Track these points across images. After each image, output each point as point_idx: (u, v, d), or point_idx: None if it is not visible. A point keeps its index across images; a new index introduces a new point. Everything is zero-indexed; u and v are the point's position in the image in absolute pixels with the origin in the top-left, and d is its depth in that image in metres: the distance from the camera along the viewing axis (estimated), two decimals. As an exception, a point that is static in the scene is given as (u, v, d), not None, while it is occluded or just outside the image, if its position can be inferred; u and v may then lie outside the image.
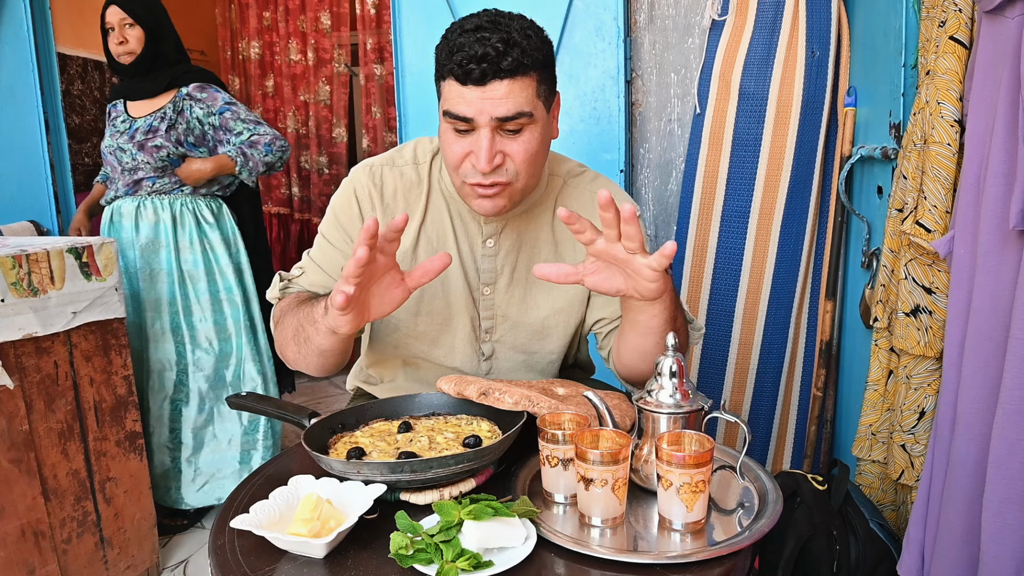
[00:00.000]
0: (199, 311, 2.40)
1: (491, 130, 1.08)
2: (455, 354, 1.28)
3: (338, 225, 1.25)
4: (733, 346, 2.15)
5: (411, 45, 2.43)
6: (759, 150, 2.07)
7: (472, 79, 1.05)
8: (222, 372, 2.45)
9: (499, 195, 1.14)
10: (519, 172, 1.12)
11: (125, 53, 2.34)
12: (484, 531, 0.80)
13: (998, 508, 1.08)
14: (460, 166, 1.13)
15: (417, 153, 1.28)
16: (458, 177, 1.15)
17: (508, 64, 1.05)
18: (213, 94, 2.39)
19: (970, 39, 1.29)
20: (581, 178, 1.31)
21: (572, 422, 0.95)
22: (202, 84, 2.40)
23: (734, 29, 2.09)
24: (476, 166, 1.10)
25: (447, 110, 1.10)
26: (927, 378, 1.44)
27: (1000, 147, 1.08)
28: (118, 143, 2.35)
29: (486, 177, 1.10)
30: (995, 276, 1.11)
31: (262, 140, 2.38)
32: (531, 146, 1.11)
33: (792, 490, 1.60)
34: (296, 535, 0.81)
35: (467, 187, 1.14)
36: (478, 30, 1.06)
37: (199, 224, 2.41)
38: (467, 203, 1.18)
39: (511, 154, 1.11)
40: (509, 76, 1.05)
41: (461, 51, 1.05)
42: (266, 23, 4.10)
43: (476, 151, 1.09)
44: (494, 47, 1.04)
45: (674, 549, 0.83)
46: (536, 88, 1.10)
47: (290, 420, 1.07)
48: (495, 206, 1.15)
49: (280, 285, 1.24)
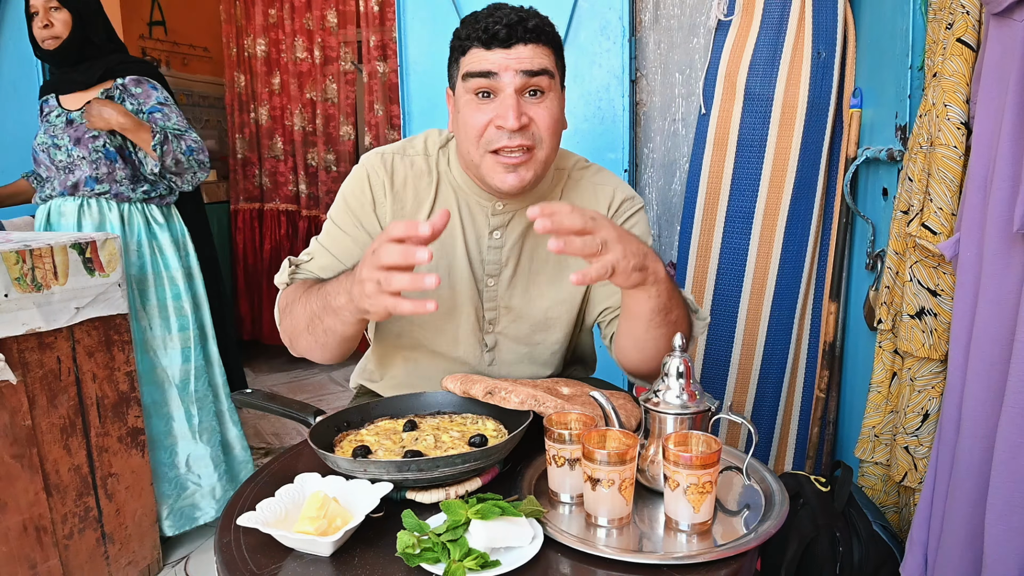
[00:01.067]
0: (145, 319, 2.25)
1: (516, 91, 1.10)
2: (458, 344, 1.28)
3: (348, 210, 1.25)
4: (736, 347, 2.15)
5: (415, 42, 2.43)
6: (764, 151, 2.07)
7: (499, 40, 1.09)
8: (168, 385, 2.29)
9: (523, 165, 1.13)
10: (543, 138, 1.14)
11: (50, 38, 2.20)
12: (491, 530, 0.80)
13: (1002, 511, 1.08)
14: (483, 134, 1.13)
15: (427, 144, 1.29)
16: (479, 148, 1.14)
17: (533, 25, 1.10)
18: (148, 90, 2.25)
19: (977, 41, 1.28)
20: (585, 171, 1.32)
21: (579, 422, 0.95)
22: (139, 78, 2.26)
23: (740, 29, 2.09)
24: (503, 126, 1.10)
25: (469, 71, 1.12)
26: (931, 380, 1.43)
27: (1007, 150, 1.08)
28: (52, 139, 2.21)
29: (512, 138, 1.11)
30: (1001, 279, 1.11)
31: (187, 140, 2.23)
32: (554, 111, 1.14)
33: (795, 491, 1.60)
34: (303, 533, 0.81)
35: (489, 159, 1.14)
36: (497, 8, 1.12)
37: (148, 226, 2.28)
38: (489, 181, 1.17)
39: (535, 118, 1.12)
40: (533, 40, 1.11)
41: (485, 19, 1.10)
42: (272, 20, 4.09)
43: (502, 112, 1.10)
44: (517, 15, 1.10)
45: (680, 550, 0.83)
46: (555, 60, 1.15)
47: (295, 418, 1.07)
48: (520, 179, 1.14)
49: (289, 270, 1.23)
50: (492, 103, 1.11)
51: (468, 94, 1.13)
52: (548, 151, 1.15)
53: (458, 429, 1.05)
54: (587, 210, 0.92)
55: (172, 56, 4.09)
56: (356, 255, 1.21)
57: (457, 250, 1.24)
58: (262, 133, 4.19)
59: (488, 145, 1.13)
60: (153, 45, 3.92)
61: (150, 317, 2.26)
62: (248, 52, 4.15)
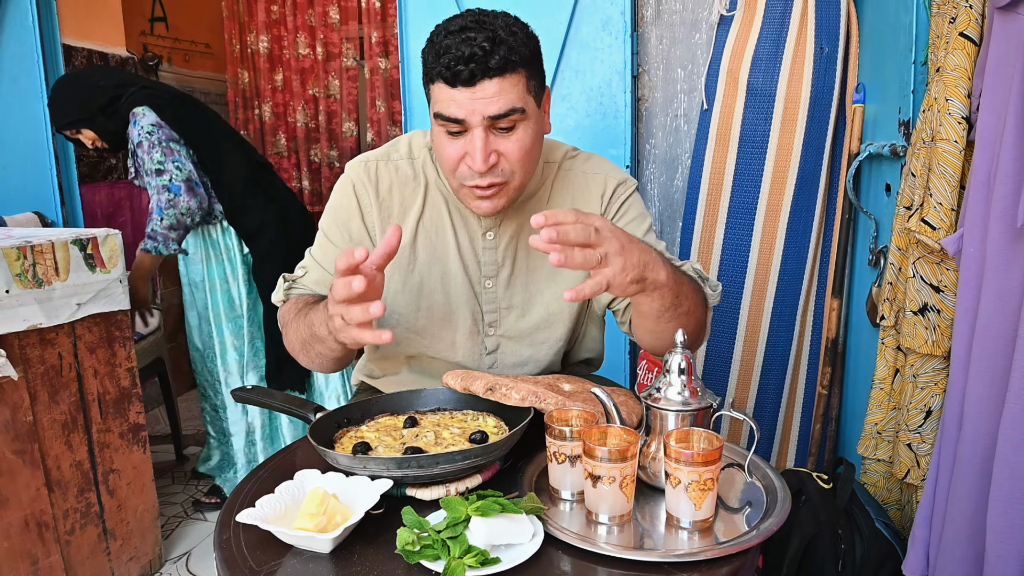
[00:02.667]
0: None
1: (484, 130, 1.08)
2: (456, 349, 1.27)
3: (337, 222, 1.25)
4: (738, 343, 2.15)
5: (417, 38, 2.42)
6: (766, 147, 2.06)
7: (461, 80, 1.05)
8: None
9: (496, 195, 1.14)
10: (514, 171, 1.13)
11: (100, 150, 2.43)
12: (491, 527, 0.79)
13: (1004, 508, 1.07)
14: (456, 169, 1.13)
15: (412, 147, 1.28)
16: (455, 180, 1.15)
17: (496, 63, 1.05)
18: (131, 129, 2.30)
19: (980, 35, 1.27)
20: (575, 161, 1.31)
21: (579, 418, 0.94)
22: (133, 111, 2.31)
23: (742, 25, 2.08)
24: (472, 167, 1.10)
25: (438, 112, 1.10)
26: (934, 377, 1.43)
27: (1011, 145, 1.07)
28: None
29: (483, 178, 1.11)
30: (1004, 275, 1.11)
31: (156, 206, 2.27)
32: (525, 143, 1.12)
33: (797, 488, 1.59)
34: (302, 530, 0.81)
35: (464, 189, 1.15)
36: (463, 31, 1.06)
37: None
38: (465, 204, 1.19)
39: (505, 153, 1.11)
40: (498, 74, 1.06)
41: (448, 53, 1.05)
42: (274, 16, 4.09)
43: (471, 152, 1.09)
44: (480, 47, 1.04)
45: (681, 547, 0.83)
46: (526, 84, 1.10)
47: (295, 414, 1.07)
48: (493, 207, 1.15)
49: (284, 287, 1.24)
50: (462, 140, 1.10)
51: (439, 126, 1.12)
52: (521, 179, 1.15)
53: (459, 425, 1.05)
54: (592, 217, 0.90)
55: (174, 52, 4.07)
56: None
57: (450, 255, 1.24)
58: (265, 130, 4.18)
59: (462, 180, 1.13)
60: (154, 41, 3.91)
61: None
62: (251, 48, 4.14)
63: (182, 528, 2.42)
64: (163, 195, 2.25)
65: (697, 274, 1.18)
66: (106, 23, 3.37)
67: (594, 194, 1.28)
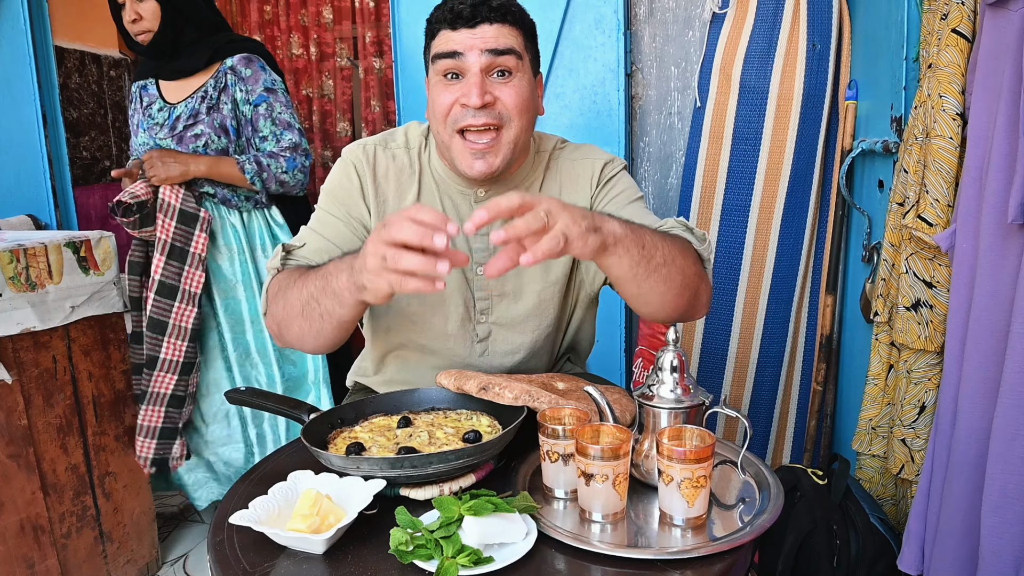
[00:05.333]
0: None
1: (481, 71, 1.11)
2: (448, 337, 1.27)
3: (336, 199, 1.24)
4: (733, 340, 2.15)
5: (410, 38, 2.42)
6: (760, 144, 2.06)
7: (463, 19, 1.10)
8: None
9: (491, 150, 1.13)
10: (511, 117, 1.13)
11: (141, 32, 2.00)
12: (484, 527, 0.79)
13: (997, 502, 1.08)
14: (449, 113, 1.13)
15: (409, 137, 1.29)
16: (447, 128, 1.14)
17: (497, 4, 1.10)
18: (257, 72, 2.03)
19: (972, 32, 1.28)
20: (564, 151, 1.31)
21: (572, 417, 0.94)
22: (248, 56, 2.03)
23: (735, 22, 2.08)
24: (467, 103, 1.10)
25: (436, 52, 1.13)
26: (928, 372, 1.43)
27: (1002, 141, 1.07)
28: (153, 139, 2.00)
29: (477, 116, 1.11)
30: (997, 270, 1.11)
31: (284, 156, 2.03)
32: (522, 91, 1.13)
33: (792, 484, 1.60)
34: (295, 531, 0.81)
35: (458, 142, 1.14)
36: None
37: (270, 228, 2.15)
38: (458, 166, 1.16)
39: (501, 97, 1.12)
40: (499, 19, 1.11)
41: (452, 1, 1.11)
42: (267, 16, 4.08)
43: (466, 90, 1.11)
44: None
45: (675, 545, 0.83)
46: (523, 43, 1.14)
47: (289, 415, 1.07)
48: (488, 165, 1.14)
49: (281, 255, 1.19)
50: (459, 83, 1.12)
51: (437, 76, 1.14)
52: (517, 131, 1.14)
53: (452, 425, 1.05)
54: (539, 198, 0.87)
55: (167, 53, 4.07)
56: (349, 238, 1.21)
57: None
58: (258, 130, 4.18)
59: (455, 124, 1.13)
60: (148, 42, 3.90)
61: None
62: (244, 49, 4.13)
63: (179, 530, 2.42)
64: (295, 153, 2.04)
65: (682, 225, 1.13)
66: (99, 25, 3.35)
67: (583, 180, 1.28)
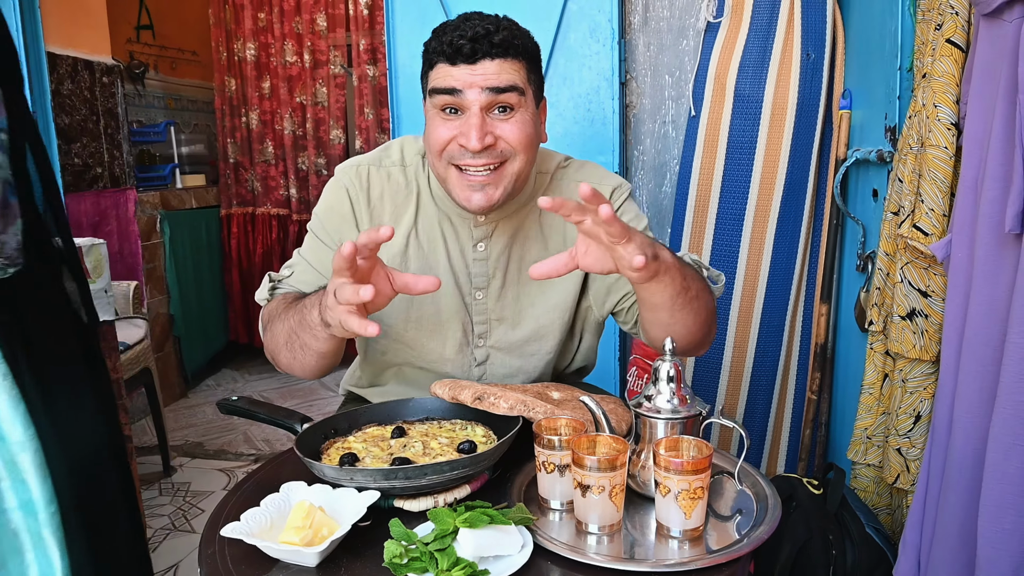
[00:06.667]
0: None
1: (481, 110, 1.06)
2: (445, 361, 1.26)
3: (328, 224, 1.23)
4: (728, 349, 2.15)
5: (404, 46, 2.41)
6: (754, 153, 2.06)
7: (463, 55, 1.04)
8: None
9: (491, 183, 1.09)
10: (515, 152, 1.09)
11: None
12: (480, 539, 0.78)
13: (994, 513, 1.07)
14: (444, 149, 1.09)
15: (404, 154, 1.25)
16: (442, 162, 1.11)
17: (499, 41, 1.04)
18: None
19: (967, 42, 1.28)
20: (567, 170, 1.29)
21: (568, 427, 0.94)
22: None
23: (729, 31, 2.08)
24: (466, 146, 1.06)
25: (434, 87, 1.08)
26: (923, 382, 1.43)
27: (998, 150, 1.07)
28: None
29: (476, 158, 1.07)
30: (992, 280, 1.11)
31: None
32: (525, 127, 1.09)
33: (787, 494, 1.59)
34: (288, 544, 0.79)
35: (454, 174, 1.10)
36: (467, 19, 1.07)
37: None
38: (454, 198, 1.13)
39: (504, 135, 1.08)
40: (500, 55, 1.05)
41: (450, 33, 1.05)
42: (261, 24, 4.08)
43: (465, 131, 1.06)
44: (484, 27, 1.05)
45: (672, 557, 0.82)
46: (526, 76, 1.09)
47: (282, 425, 1.06)
48: (487, 197, 1.10)
49: (268, 286, 1.21)
50: (457, 120, 1.08)
51: (434, 109, 1.10)
52: (520, 165, 1.11)
53: (447, 435, 1.04)
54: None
55: (160, 60, 4.06)
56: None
57: (440, 266, 1.22)
58: (253, 137, 4.17)
59: (451, 159, 1.09)
60: (141, 49, 3.89)
61: None
62: (238, 56, 4.13)
63: (169, 540, 2.40)
64: None
65: (695, 263, 1.14)
66: (91, 31, 3.35)
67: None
